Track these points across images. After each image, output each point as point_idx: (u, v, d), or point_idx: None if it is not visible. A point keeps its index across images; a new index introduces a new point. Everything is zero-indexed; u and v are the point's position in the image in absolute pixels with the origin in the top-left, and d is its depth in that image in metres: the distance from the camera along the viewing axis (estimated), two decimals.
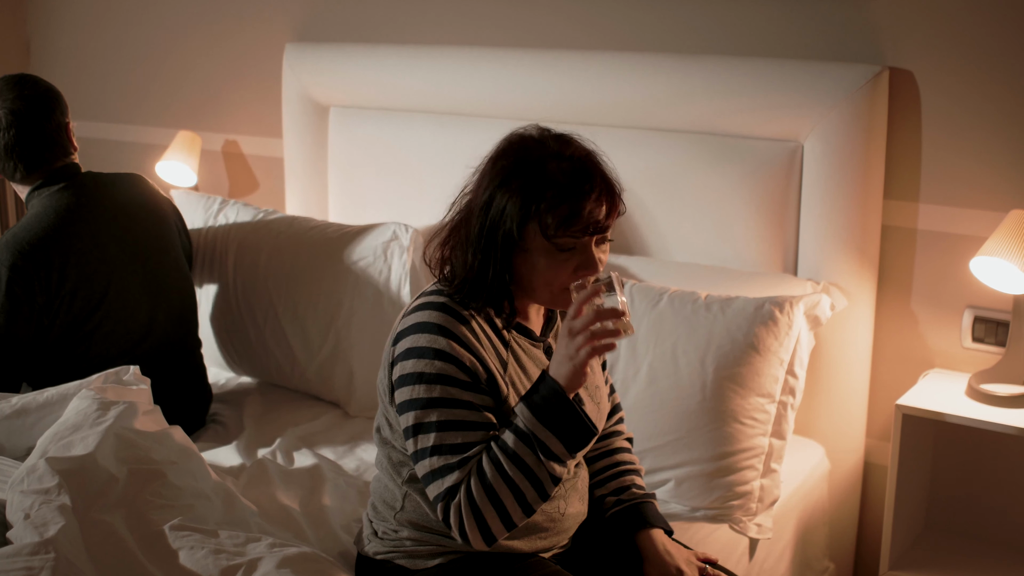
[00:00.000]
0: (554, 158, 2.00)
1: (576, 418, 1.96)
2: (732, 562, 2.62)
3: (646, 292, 2.88)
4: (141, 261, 3.07)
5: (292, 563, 2.16)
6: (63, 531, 2.11)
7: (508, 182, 2.00)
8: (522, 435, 1.97)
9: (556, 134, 2.06)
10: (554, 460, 1.97)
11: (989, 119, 2.87)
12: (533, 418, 1.96)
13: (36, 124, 2.96)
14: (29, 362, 2.91)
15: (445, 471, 1.99)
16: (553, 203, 1.97)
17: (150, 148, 4.40)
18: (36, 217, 2.93)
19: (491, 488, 1.97)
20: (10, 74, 3.04)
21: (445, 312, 2.03)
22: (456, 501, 1.99)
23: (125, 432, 2.42)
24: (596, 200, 2.00)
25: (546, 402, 1.96)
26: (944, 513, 3.09)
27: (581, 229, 1.99)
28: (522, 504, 1.98)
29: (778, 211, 3.03)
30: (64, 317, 2.91)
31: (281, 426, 3.14)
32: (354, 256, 3.26)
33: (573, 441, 1.97)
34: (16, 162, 2.97)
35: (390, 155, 3.65)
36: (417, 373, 2.00)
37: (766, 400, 2.72)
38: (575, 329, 1.93)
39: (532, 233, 1.99)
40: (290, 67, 3.82)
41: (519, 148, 2.04)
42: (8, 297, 2.83)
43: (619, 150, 3.19)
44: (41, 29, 4.65)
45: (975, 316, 2.96)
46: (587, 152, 2.05)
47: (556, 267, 2.01)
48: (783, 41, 3.09)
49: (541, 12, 3.46)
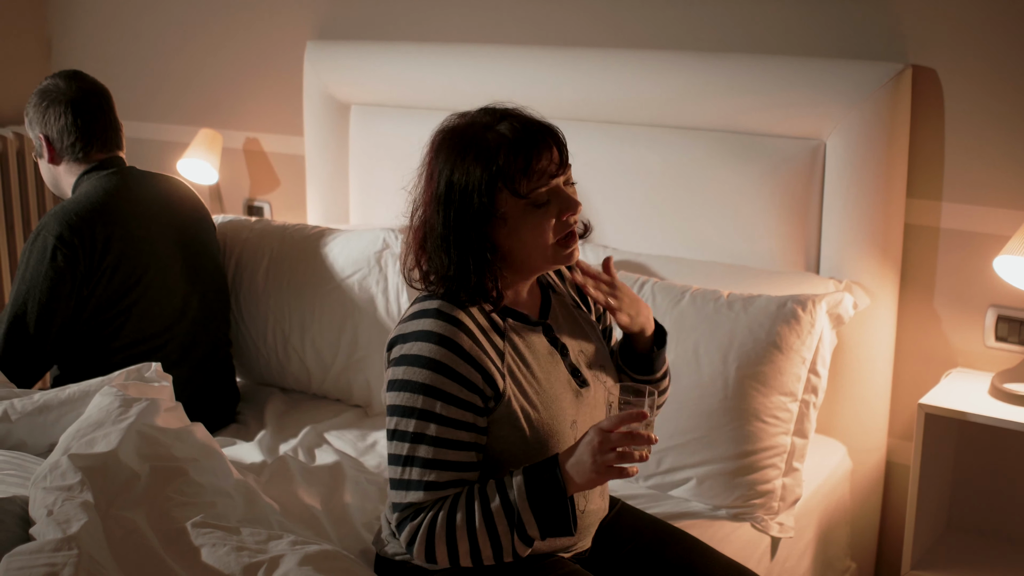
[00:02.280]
0: (488, 127, 2.03)
1: (564, 517, 1.98)
2: (753, 561, 2.61)
3: (668, 290, 2.87)
4: (181, 247, 3.14)
5: (314, 561, 2.16)
6: (85, 528, 2.11)
7: (459, 162, 2.02)
8: (506, 503, 1.99)
9: (478, 109, 2.09)
10: (524, 541, 2.00)
11: (1013, 117, 2.86)
12: (525, 497, 1.98)
13: (95, 112, 3.09)
14: (65, 336, 2.95)
15: (412, 485, 2.02)
16: (510, 158, 1.99)
17: (171, 146, 4.41)
18: (85, 195, 3.02)
19: (453, 533, 2.00)
20: (64, 70, 3.16)
21: (440, 319, 2.03)
22: (416, 522, 2.03)
23: (147, 429, 2.43)
24: (544, 142, 2.02)
25: (545, 492, 1.97)
26: (966, 512, 3.08)
27: (545, 174, 2.01)
28: (474, 558, 2.02)
29: (800, 209, 3.02)
30: (104, 290, 2.96)
31: (302, 424, 3.15)
32: (349, 269, 3.26)
33: (550, 531, 2.00)
34: (75, 142, 3.06)
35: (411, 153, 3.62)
36: (404, 380, 2.02)
37: (788, 399, 2.71)
38: (609, 443, 1.92)
39: (503, 199, 2.00)
40: (311, 65, 3.82)
41: (453, 135, 2.06)
42: (52, 266, 2.90)
43: (640, 148, 3.21)
44: (62, 28, 4.66)
45: (998, 315, 2.94)
46: (514, 109, 2.07)
47: (539, 222, 2.02)
48: (805, 39, 3.08)
49: (562, 10, 3.45)
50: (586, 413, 2.16)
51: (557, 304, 2.23)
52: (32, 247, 2.93)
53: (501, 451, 2.07)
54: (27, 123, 3.12)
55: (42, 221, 2.96)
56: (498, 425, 2.06)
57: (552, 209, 2.03)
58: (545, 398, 2.10)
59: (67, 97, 3.06)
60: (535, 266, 2.09)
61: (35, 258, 2.91)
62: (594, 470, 1.94)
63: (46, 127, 3.06)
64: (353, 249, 3.28)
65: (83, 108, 3.06)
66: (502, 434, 2.06)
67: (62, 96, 3.06)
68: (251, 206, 4.29)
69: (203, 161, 4.11)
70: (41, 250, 2.91)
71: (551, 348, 2.16)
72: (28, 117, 3.10)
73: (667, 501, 2.73)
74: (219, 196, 4.31)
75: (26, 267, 2.93)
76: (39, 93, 3.09)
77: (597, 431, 1.94)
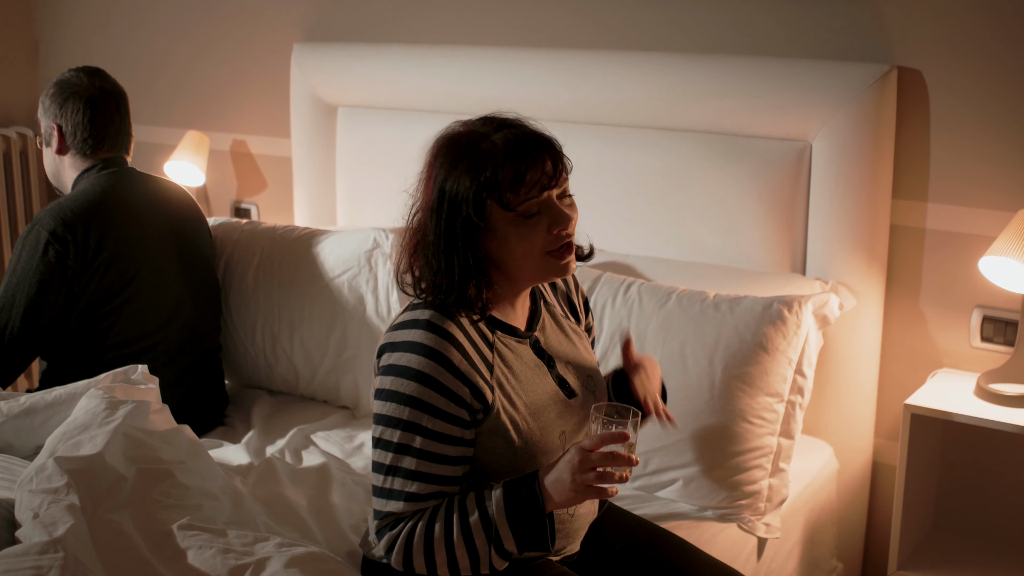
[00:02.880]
0: (484, 136, 2.02)
1: (542, 534, 1.98)
2: (740, 562, 2.62)
3: (654, 291, 2.88)
4: (175, 249, 3.15)
5: (300, 563, 2.16)
6: (72, 530, 2.11)
7: (451, 171, 2.01)
8: (485, 519, 1.99)
9: (479, 118, 2.08)
10: (502, 555, 2.01)
11: (998, 118, 2.87)
12: (503, 512, 1.98)
13: (112, 113, 3.10)
14: (53, 333, 2.94)
15: (393, 495, 2.03)
16: (498, 170, 1.98)
17: (159, 148, 4.40)
18: (82, 192, 3.02)
19: (431, 545, 2.00)
20: (87, 66, 3.17)
21: (431, 331, 2.03)
22: (394, 532, 2.04)
23: (134, 431, 2.42)
24: (537, 155, 2.01)
25: (524, 508, 1.98)
26: (953, 513, 3.09)
27: (535, 186, 2.00)
28: (452, 570, 2.02)
29: (786, 210, 3.03)
30: (95, 288, 2.96)
31: (289, 425, 3.14)
32: (339, 268, 3.25)
33: (528, 547, 2.00)
34: (87, 138, 3.06)
35: (398, 155, 3.63)
36: (391, 391, 2.02)
37: (774, 399, 2.72)
38: (588, 463, 1.92)
39: (492, 210, 2.00)
40: (298, 67, 3.82)
41: (450, 142, 2.05)
42: (43, 261, 2.90)
43: (627, 149, 3.22)
44: (49, 30, 4.65)
45: (984, 316, 2.95)
46: (514, 119, 2.07)
47: (528, 235, 2.02)
48: (792, 40, 3.09)
49: (550, 11, 3.46)
50: (574, 424, 2.16)
51: (547, 315, 2.23)
52: (25, 241, 2.93)
53: (489, 462, 2.07)
54: (40, 110, 3.12)
55: (37, 216, 2.96)
56: (486, 436, 2.06)
57: (543, 222, 2.02)
58: (533, 409, 2.10)
59: (88, 93, 3.06)
60: (527, 277, 2.09)
61: (27, 252, 2.92)
62: (573, 489, 1.94)
63: (61, 118, 3.06)
64: (343, 249, 3.28)
65: (101, 107, 3.07)
66: (490, 445, 2.06)
67: (83, 91, 3.06)
68: (238, 208, 4.28)
69: (190, 163, 4.10)
70: (33, 244, 2.91)
71: (538, 360, 2.16)
72: (43, 105, 3.10)
73: (654, 502, 2.73)
74: (206, 198, 4.30)
75: (18, 260, 2.93)
76: (59, 84, 3.09)
77: (578, 450, 1.94)
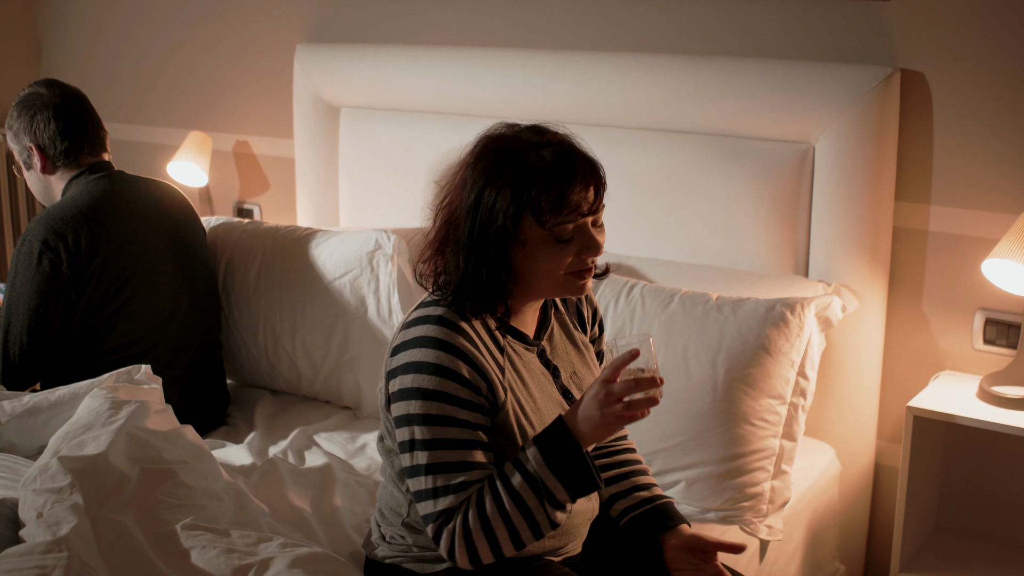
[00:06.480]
0: (534, 148, 2.00)
1: (587, 472, 1.96)
2: (742, 564, 2.61)
3: (657, 293, 2.88)
4: (170, 248, 3.14)
5: (303, 563, 2.16)
6: (75, 530, 2.11)
7: (494, 179, 1.99)
8: (529, 478, 1.97)
9: (528, 126, 2.06)
10: (556, 507, 1.98)
11: (1001, 121, 2.87)
12: (544, 465, 1.96)
13: (80, 115, 3.09)
14: (57, 342, 2.95)
15: (440, 492, 2.00)
16: (543, 189, 1.96)
17: (161, 148, 4.40)
18: (72, 199, 3.02)
19: (488, 523, 1.98)
20: (40, 79, 3.17)
21: (444, 325, 2.02)
22: (451, 526, 1.99)
23: (137, 431, 2.43)
24: (583, 180, 2.00)
25: (561, 453, 1.95)
26: (955, 515, 3.09)
27: (575, 211, 1.99)
28: (515, 541, 1.99)
29: (789, 213, 3.03)
30: (92, 293, 2.96)
31: (292, 426, 3.14)
32: (341, 269, 3.25)
33: (579, 491, 1.98)
34: (68, 147, 3.06)
35: (401, 156, 3.65)
36: (415, 388, 1.99)
37: (777, 402, 2.72)
38: (613, 394, 1.91)
39: (528, 225, 1.98)
40: (301, 68, 3.82)
41: (497, 146, 2.03)
42: (38, 271, 2.90)
43: (630, 151, 3.22)
44: (52, 31, 4.66)
45: (986, 318, 2.95)
46: (564, 136, 2.05)
47: (557, 256, 2.01)
48: (795, 43, 3.09)
49: (553, 13, 3.46)
50: None
51: (556, 324, 2.23)
52: (19, 255, 2.94)
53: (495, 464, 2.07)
54: (10, 137, 3.09)
55: (28, 227, 2.96)
56: (493, 436, 2.05)
57: (573, 246, 2.01)
58: (541, 416, 2.10)
59: (51, 103, 3.05)
60: (544, 291, 2.08)
61: (22, 265, 2.92)
62: (604, 422, 1.93)
63: (35, 136, 3.05)
64: (345, 249, 3.27)
65: (68, 112, 3.06)
66: (496, 444, 2.06)
67: (46, 102, 3.05)
68: (241, 208, 4.29)
69: (193, 164, 4.10)
70: (27, 256, 2.91)
71: (543, 369, 2.16)
72: (12, 130, 3.08)
73: None
74: (209, 198, 4.31)
75: (15, 275, 2.93)
76: (21, 103, 3.08)
77: (600, 383, 1.92)
